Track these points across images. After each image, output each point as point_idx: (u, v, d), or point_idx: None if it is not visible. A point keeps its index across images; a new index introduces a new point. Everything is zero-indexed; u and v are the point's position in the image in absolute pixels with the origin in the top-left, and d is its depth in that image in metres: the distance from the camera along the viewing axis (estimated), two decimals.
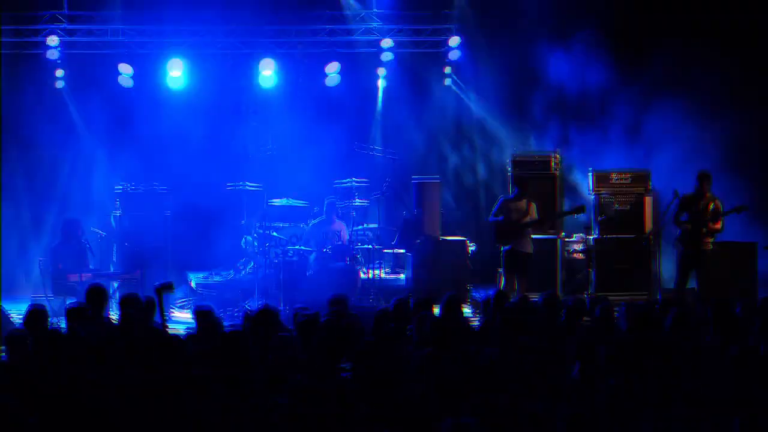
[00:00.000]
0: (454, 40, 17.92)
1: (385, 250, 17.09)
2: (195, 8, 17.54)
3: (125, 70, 17.47)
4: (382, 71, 18.37)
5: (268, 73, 18.05)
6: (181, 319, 14.61)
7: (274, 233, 16.00)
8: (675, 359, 7.47)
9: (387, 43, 17.77)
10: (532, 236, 14.77)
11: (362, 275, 15.64)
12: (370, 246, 16.18)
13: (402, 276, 16.70)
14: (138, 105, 17.79)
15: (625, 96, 17.16)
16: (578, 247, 16.33)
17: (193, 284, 16.84)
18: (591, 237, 15.82)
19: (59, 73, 17.60)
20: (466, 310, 14.60)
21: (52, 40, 16.89)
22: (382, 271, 16.34)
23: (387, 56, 17.72)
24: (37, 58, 17.27)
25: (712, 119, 16.55)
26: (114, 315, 11.57)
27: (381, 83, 18.57)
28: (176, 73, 17.68)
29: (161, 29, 17.45)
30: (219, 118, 19.35)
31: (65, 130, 17.91)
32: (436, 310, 10.24)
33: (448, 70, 18.31)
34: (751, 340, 8.40)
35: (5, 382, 7.44)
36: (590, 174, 16.37)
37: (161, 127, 17.64)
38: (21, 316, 12.82)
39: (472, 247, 16.54)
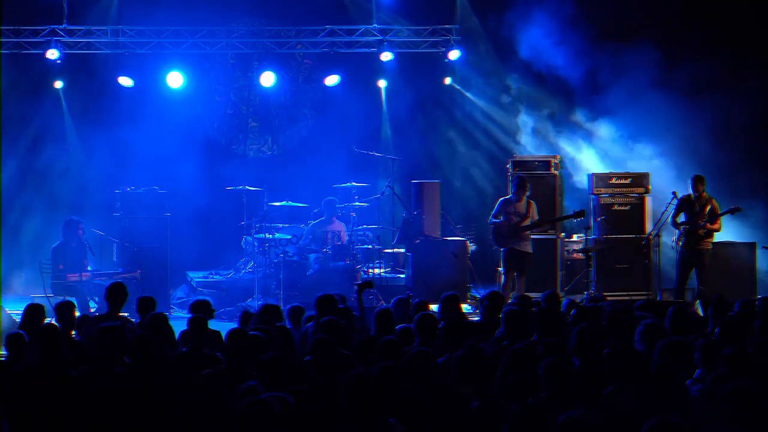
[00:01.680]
0: (454, 40, 17.94)
1: (385, 250, 17.11)
2: (195, 9, 17.56)
3: (125, 82, 17.49)
4: (382, 71, 18.35)
5: (268, 83, 18.04)
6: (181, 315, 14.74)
7: (277, 234, 16.03)
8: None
9: (386, 48, 17.76)
10: (532, 236, 14.85)
11: (362, 275, 15.66)
12: (370, 246, 16.21)
13: (402, 275, 16.71)
14: (138, 105, 17.80)
15: (621, 89, 17.21)
16: (578, 247, 16.36)
17: (193, 283, 16.89)
18: (590, 237, 15.82)
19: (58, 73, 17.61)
20: (467, 308, 14.63)
21: (52, 54, 16.90)
22: (382, 270, 16.36)
23: (387, 56, 17.72)
24: (36, 58, 17.28)
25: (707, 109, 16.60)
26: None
27: (381, 83, 18.57)
28: (176, 84, 17.69)
29: (161, 30, 17.46)
30: (219, 118, 19.39)
31: (65, 131, 17.93)
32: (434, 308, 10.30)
33: (448, 69, 18.28)
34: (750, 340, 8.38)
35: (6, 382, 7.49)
36: (590, 175, 16.42)
37: (161, 128, 17.66)
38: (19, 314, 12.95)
39: (472, 247, 16.56)
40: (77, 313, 10.47)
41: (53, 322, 8.95)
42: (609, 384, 7.04)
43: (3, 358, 8.76)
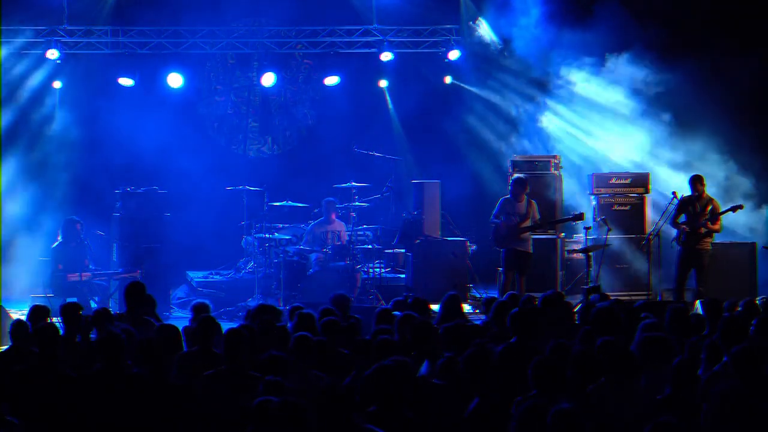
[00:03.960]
0: (454, 40, 17.95)
1: (386, 250, 17.10)
2: (195, 9, 17.56)
3: (125, 82, 17.49)
4: (382, 71, 18.34)
5: (268, 83, 18.03)
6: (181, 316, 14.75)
7: (277, 234, 16.03)
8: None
9: (386, 48, 17.75)
10: (532, 236, 14.85)
11: (362, 275, 15.65)
12: (370, 246, 16.20)
13: (402, 275, 16.70)
14: (138, 105, 17.80)
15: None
16: (578, 247, 16.35)
17: (193, 283, 16.88)
18: (590, 237, 15.81)
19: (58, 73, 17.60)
20: (467, 309, 14.62)
21: (52, 54, 16.90)
22: (382, 270, 16.35)
23: (387, 56, 17.71)
24: (37, 57, 17.29)
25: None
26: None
27: (382, 83, 18.57)
28: (176, 84, 17.70)
29: (161, 30, 17.46)
30: (219, 118, 19.39)
31: (64, 131, 17.92)
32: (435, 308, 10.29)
33: (448, 69, 18.26)
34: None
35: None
36: (590, 176, 16.42)
37: (161, 128, 17.65)
38: (23, 315, 12.93)
39: (472, 247, 16.55)
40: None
41: (52, 322, 8.90)
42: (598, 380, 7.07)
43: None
